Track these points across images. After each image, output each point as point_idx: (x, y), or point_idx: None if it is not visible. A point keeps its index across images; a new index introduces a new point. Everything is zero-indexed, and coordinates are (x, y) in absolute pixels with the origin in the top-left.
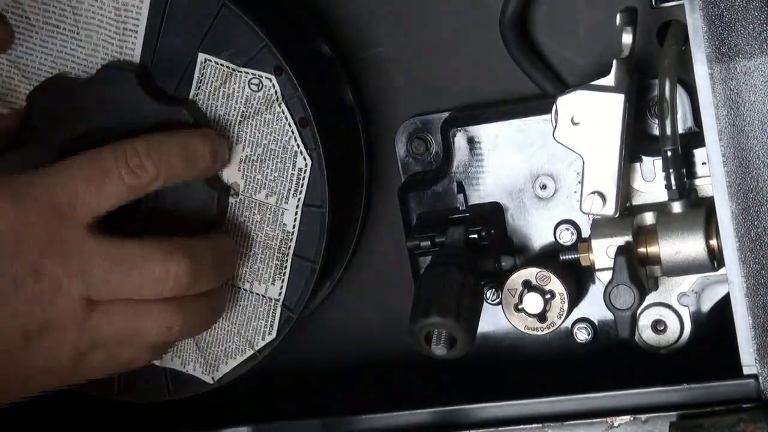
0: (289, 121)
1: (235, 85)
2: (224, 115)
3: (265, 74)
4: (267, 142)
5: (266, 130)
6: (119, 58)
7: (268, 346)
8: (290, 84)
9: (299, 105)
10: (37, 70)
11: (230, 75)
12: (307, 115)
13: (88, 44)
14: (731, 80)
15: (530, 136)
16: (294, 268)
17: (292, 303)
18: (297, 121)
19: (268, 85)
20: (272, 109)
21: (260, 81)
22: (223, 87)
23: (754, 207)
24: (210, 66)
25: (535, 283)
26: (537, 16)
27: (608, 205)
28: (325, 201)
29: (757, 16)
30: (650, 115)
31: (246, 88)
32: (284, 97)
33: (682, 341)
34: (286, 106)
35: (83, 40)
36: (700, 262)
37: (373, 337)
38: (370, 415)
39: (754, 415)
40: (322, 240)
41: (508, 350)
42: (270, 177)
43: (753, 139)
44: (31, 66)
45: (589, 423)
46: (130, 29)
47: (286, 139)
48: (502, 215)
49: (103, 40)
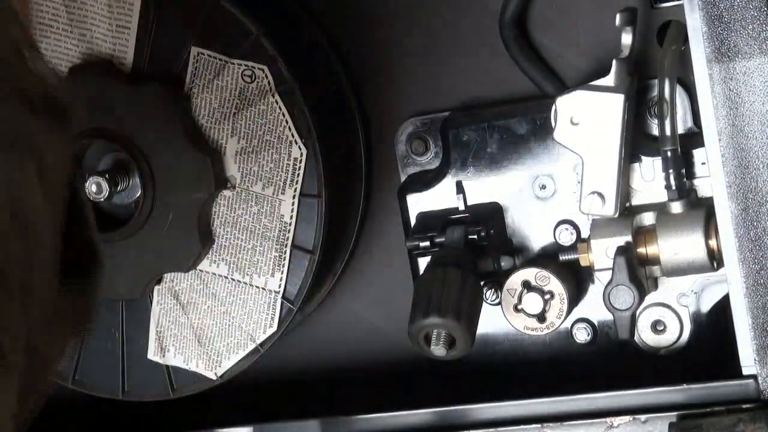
0: (282, 111)
1: (228, 77)
2: (219, 107)
3: (257, 65)
4: (262, 133)
5: (260, 121)
6: (113, 54)
7: (270, 340)
8: (283, 74)
9: (293, 95)
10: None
11: (223, 67)
12: (300, 105)
13: (82, 42)
14: (731, 80)
15: (530, 137)
16: (293, 260)
17: (293, 295)
18: (291, 111)
19: (260, 76)
20: (266, 100)
21: (253, 72)
22: (216, 79)
23: (753, 207)
24: (203, 59)
25: (534, 283)
26: (537, 16)
27: (608, 205)
28: (322, 190)
29: (757, 16)
30: (650, 115)
31: (239, 80)
32: (277, 88)
33: (682, 341)
34: (279, 96)
35: (77, 38)
36: (700, 262)
37: (372, 337)
38: (370, 415)
39: (754, 416)
40: (320, 230)
41: (508, 350)
42: (266, 168)
43: (752, 140)
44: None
45: (589, 423)
46: (123, 25)
47: (280, 129)
48: (501, 215)
49: (96, 37)
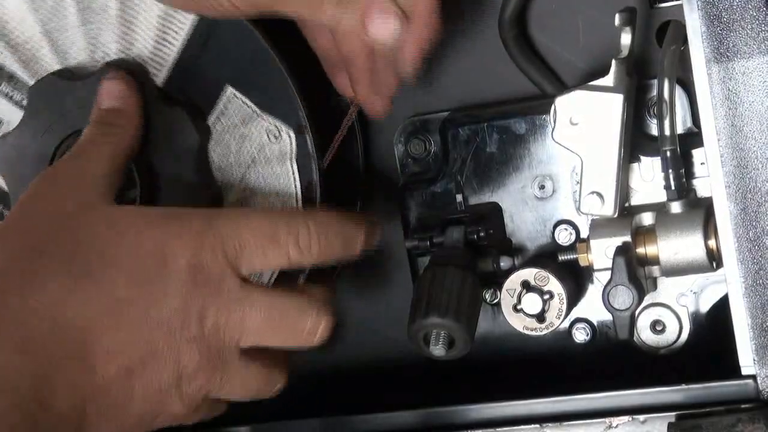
0: (296, 182)
1: (254, 129)
2: (235, 153)
3: (287, 129)
4: (268, 192)
5: (272, 182)
6: (150, 63)
7: None
8: (307, 145)
9: (310, 168)
10: (67, 48)
11: (252, 117)
12: (316, 180)
13: (124, 40)
14: (730, 80)
15: (529, 137)
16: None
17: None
18: (304, 181)
19: (286, 140)
20: (283, 164)
21: (279, 133)
22: (242, 126)
23: (752, 207)
24: (235, 102)
25: (533, 283)
26: (536, 15)
27: (607, 205)
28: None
29: (756, 16)
30: (649, 115)
31: (264, 136)
32: (298, 157)
33: (681, 341)
34: (297, 165)
35: (119, 34)
36: (699, 262)
37: (372, 337)
38: (370, 415)
39: (753, 416)
40: None
41: (507, 350)
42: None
43: (751, 140)
44: (63, 42)
45: (588, 423)
46: (169, 40)
47: (288, 195)
48: (500, 215)
49: (138, 41)
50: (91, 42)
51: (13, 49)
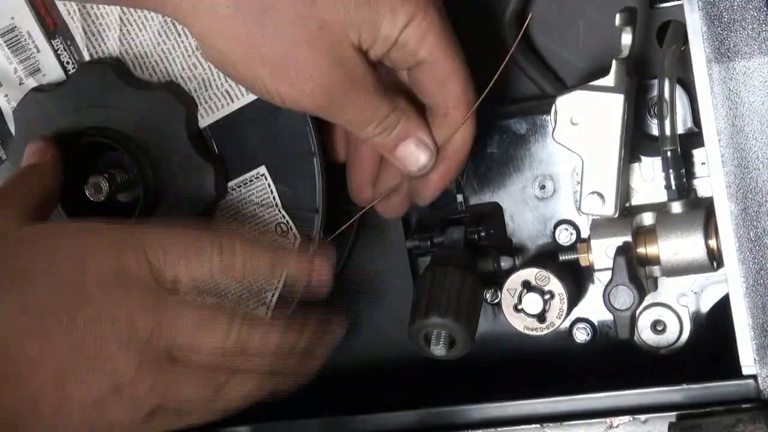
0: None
1: (268, 215)
2: (240, 220)
3: (299, 233)
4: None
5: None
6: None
7: None
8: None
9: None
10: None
11: (271, 205)
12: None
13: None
14: (730, 80)
15: (530, 137)
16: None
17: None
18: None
19: (292, 240)
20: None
21: (290, 232)
22: (258, 207)
23: (753, 207)
24: (262, 182)
25: (534, 283)
26: (537, 16)
27: (607, 205)
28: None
29: (756, 16)
30: (650, 115)
31: (272, 225)
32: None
33: (682, 341)
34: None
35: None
36: (700, 262)
37: (372, 337)
38: (370, 415)
39: (754, 416)
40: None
41: (507, 350)
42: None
43: (752, 140)
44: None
45: (589, 423)
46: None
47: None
48: (501, 215)
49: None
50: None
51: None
